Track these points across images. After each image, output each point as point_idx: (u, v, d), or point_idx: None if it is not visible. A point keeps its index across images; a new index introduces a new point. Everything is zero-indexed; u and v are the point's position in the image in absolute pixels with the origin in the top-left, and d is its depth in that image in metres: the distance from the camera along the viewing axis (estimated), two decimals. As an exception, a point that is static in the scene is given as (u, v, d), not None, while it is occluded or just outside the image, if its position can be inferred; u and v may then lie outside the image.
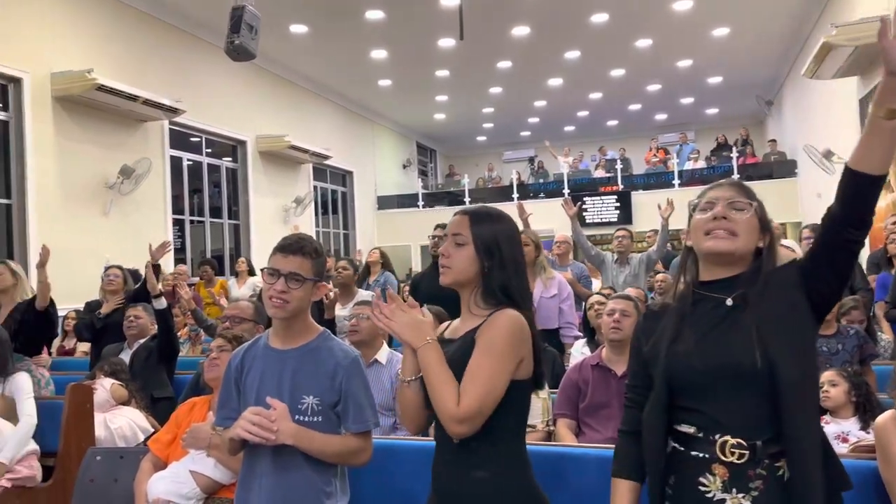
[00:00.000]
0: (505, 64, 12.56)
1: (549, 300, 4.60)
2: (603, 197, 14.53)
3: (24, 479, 3.47)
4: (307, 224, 12.80)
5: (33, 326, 4.61)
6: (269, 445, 1.78)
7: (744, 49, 12.21)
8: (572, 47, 11.96)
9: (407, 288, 5.88)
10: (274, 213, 12.09)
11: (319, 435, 1.84)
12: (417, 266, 15.74)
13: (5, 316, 4.63)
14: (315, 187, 13.59)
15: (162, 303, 4.57)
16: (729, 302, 1.56)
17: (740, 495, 1.47)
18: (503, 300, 1.67)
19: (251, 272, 8.30)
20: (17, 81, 7.42)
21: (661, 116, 17.75)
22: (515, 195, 15.18)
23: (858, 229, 1.48)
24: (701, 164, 15.48)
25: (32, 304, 4.62)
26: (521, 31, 10.89)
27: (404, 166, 18.03)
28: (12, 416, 3.63)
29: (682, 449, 1.54)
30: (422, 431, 1.75)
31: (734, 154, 14.64)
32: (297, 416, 1.84)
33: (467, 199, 16.17)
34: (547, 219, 11.45)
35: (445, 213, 15.99)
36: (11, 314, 4.64)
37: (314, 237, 2.07)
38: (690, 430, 1.53)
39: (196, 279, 8.36)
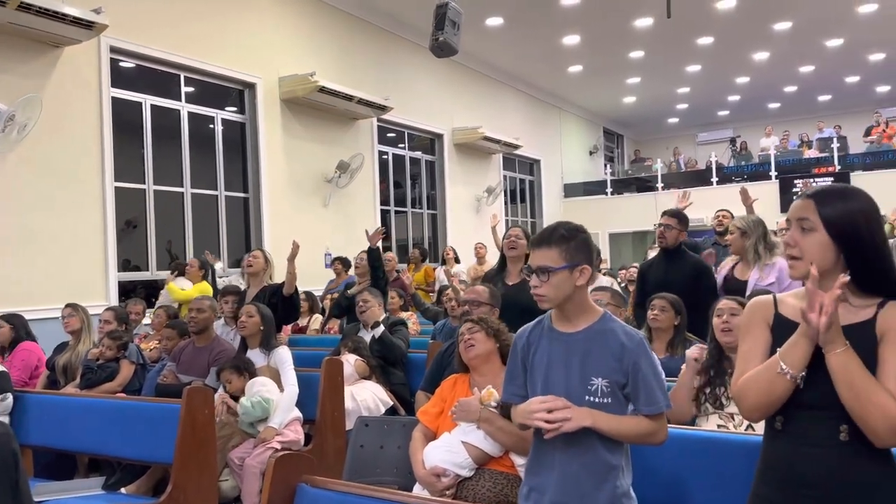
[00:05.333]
0: (706, 40, 11.92)
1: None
2: (817, 179, 13.32)
3: (291, 443, 3.87)
4: (498, 213, 13.03)
5: (280, 309, 5.07)
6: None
7: None
8: (782, 18, 11.06)
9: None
10: (467, 202, 12.44)
11: (613, 416, 1.86)
12: (605, 254, 15.43)
13: (253, 297, 5.13)
14: (504, 176, 13.79)
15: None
16: None
17: None
18: (881, 287, 1.58)
19: (457, 259, 8.62)
20: (251, 86, 8.26)
21: (883, 88, 15.93)
22: (714, 179, 14.36)
23: None
24: (935, 140, 13.69)
25: (280, 290, 5.07)
26: (726, 3, 10.25)
27: (591, 153, 17.72)
28: (277, 385, 4.06)
29: None
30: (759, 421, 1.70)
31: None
32: (587, 398, 1.86)
33: (660, 185, 15.57)
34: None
35: (635, 200, 15.53)
36: (258, 296, 5.14)
37: (568, 221, 2.05)
38: None
39: (403, 266, 8.83)
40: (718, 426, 2.93)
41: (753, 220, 4.35)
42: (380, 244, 5.57)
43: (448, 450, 2.51)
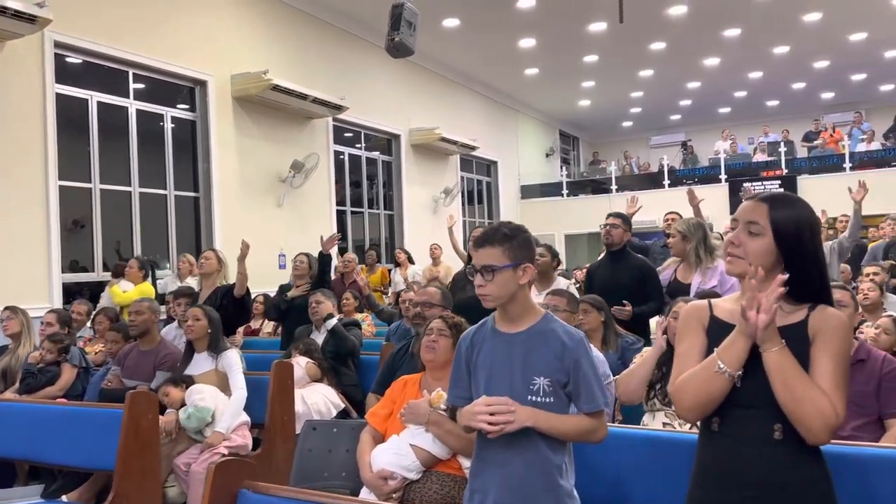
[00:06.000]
0: (658, 45, 12.14)
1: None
2: (765, 182, 13.69)
3: (238, 447, 3.80)
4: (455, 214, 13.04)
5: (230, 311, 4.99)
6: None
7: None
8: (732, 25, 11.35)
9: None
10: (424, 203, 12.43)
11: (554, 415, 1.88)
12: (561, 255, 15.58)
13: (205, 298, 5.05)
14: (462, 177, 13.82)
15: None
16: None
17: None
18: (812, 295, 1.63)
19: (410, 260, 8.60)
20: (202, 84, 8.10)
21: (827, 95, 16.46)
22: (666, 182, 14.63)
23: None
24: (875, 145, 14.20)
25: (231, 291, 5.00)
26: (678, 10, 10.46)
27: (547, 155, 17.88)
28: (224, 389, 3.99)
29: None
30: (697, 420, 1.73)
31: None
32: (529, 397, 1.88)
33: (613, 188, 15.79)
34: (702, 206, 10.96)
35: (590, 202, 15.71)
36: (211, 297, 5.06)
37: (509, 221, 2.06)
38: None
39: (359, 267, 8.77)
40: (664, 424, 2.98)
41: (694, 223, 4.44)
42: (334, 250, 5.51)
43: (396, 452, 2.49)
